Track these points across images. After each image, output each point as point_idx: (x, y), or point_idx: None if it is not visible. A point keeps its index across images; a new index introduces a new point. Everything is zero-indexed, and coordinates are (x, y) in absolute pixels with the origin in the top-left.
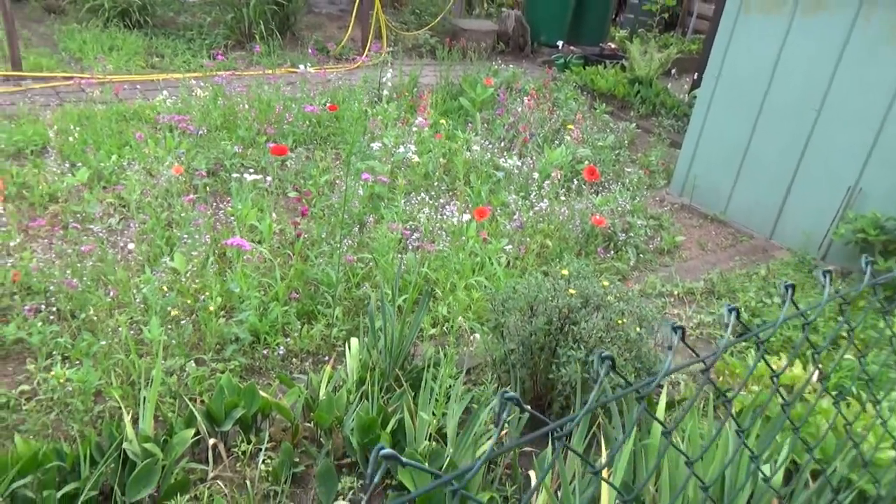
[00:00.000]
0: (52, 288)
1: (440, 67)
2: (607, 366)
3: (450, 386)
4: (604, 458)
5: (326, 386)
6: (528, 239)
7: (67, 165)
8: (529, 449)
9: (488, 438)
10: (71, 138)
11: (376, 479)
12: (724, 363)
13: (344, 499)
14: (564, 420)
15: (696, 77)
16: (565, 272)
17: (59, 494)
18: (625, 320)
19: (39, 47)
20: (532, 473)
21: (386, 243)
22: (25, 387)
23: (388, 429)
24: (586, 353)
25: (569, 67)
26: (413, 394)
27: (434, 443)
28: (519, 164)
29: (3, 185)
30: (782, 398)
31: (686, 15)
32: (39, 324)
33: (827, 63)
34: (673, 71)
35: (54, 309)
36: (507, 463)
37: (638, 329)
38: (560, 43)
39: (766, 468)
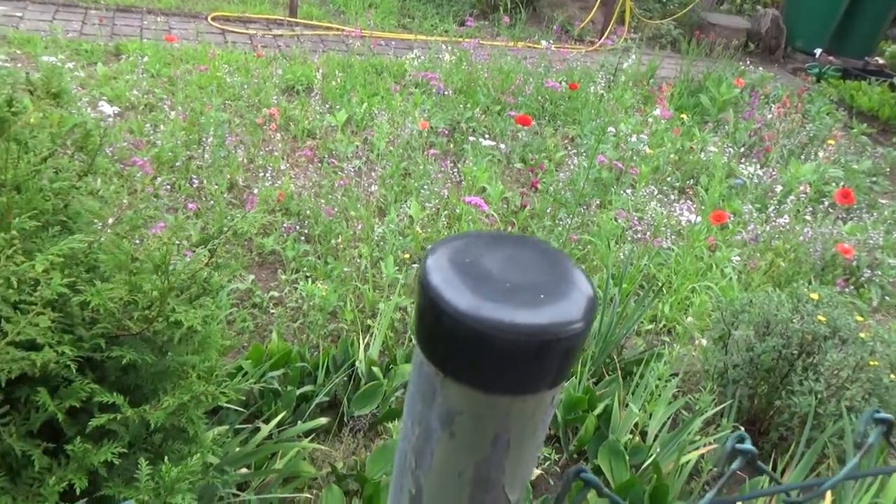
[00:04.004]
0: (307, 212)
1: (681, 61)
2: (880, 430)
3: (664, 386)
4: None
5: None
6: (757, 254)
7: (327, 106)
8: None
9: (695, 448)
10: (333, 83)
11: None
12: None
13: (538, 468)
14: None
15: None
16: (815, 296)
17: (298, 392)
18: (878, 363)
19: None
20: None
21: (609, 229)
22: (275, 293)
23: (595, 412)
24: (826, 388)
25: (824, 78)
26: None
27: (636, 438)
28: (760, 173)
29: (277, 116)
30: None
31: None
32: (292, 241)
33: None
34: None
35: (305, 231)
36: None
37: (892, 375)
38: (817, 51)
39: None
